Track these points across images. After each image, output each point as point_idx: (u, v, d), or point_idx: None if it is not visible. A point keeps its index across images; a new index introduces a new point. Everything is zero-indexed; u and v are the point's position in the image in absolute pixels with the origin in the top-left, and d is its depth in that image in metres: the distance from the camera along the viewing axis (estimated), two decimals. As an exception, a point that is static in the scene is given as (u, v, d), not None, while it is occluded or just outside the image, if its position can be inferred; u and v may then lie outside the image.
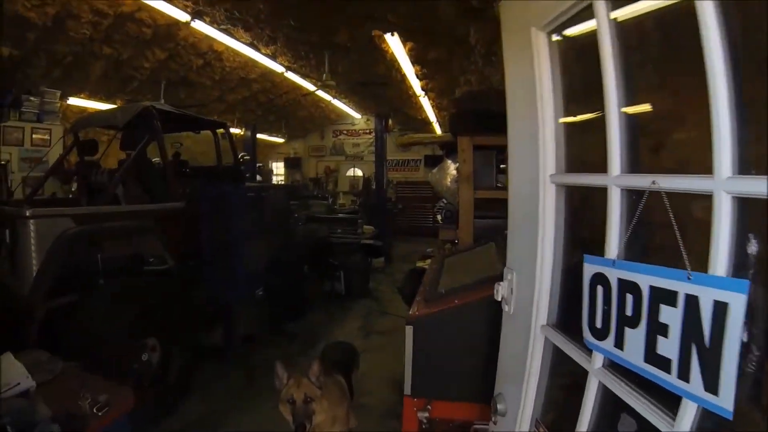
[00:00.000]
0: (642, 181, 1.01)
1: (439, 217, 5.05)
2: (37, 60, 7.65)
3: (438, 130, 15.68)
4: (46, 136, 8.37)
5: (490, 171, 4.20)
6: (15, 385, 2.34)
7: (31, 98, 8.08)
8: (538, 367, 1.49)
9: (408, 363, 2.32)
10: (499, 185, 4.26)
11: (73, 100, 9.19)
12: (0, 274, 3.84)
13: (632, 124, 1.15)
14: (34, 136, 8.23)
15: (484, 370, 1.97)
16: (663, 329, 0.92)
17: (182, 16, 7.32)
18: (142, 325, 4.05)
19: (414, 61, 7.11)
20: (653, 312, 0.95)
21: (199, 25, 7.58)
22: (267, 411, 3.94)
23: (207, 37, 8.34)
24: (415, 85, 8.98)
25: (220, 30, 7.83)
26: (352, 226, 9.32)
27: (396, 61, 7.72)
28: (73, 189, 7.73)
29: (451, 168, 5.00)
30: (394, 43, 6.47)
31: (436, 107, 10.98)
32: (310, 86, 11.27)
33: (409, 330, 2.28)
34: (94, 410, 2.35)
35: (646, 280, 0.97)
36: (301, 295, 7.02)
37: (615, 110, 1.12)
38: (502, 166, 4.25)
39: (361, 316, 7.45)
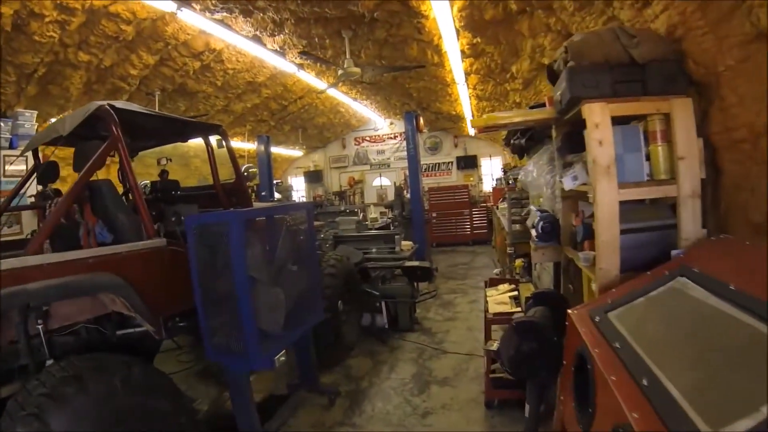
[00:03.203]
0: None
1: (533, 232, 3.45)
2: (5, 76, 6.32)
3: (471, 129, 14.17)
4: (22, 166, 6.98)
5: (637, 157, 2.62)
6: None
7: (1, 122, 6.72)
8: None
9: None
10: (649, 177, 2.68)
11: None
12: None
13: None
14: (7, 166, 6.85)
15: None
16: None
17: (167, 6, 5.92)
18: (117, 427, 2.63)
19: (464, 26, 5.54)
20: None
21: (187, 16, 6.16)
22: None
23: (201, 33, 6.96)
24: (456, 67, 7.40)
25: (215, 21, 6.40)
26: (389, 244, 7.80)
27: (436, 33, 6.15)
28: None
29: (544, 159, 3.44)
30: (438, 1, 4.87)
31: (476, 97, 9.39)
32: (327, 86, 9.84)
33: None
34: None
35: None
36: (336, 337, 5.55)
37: None
38: (649, 147, 2.67)
39: (413, 357, 5.92)
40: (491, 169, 16.45)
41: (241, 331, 3.21)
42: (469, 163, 16.65)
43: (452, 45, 6.29)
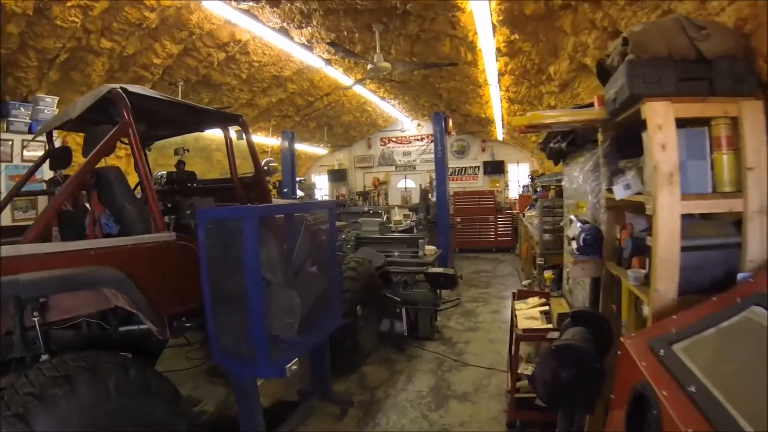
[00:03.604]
0: None
1: (574, 245, 3.14)
2: (26, 60, 6.22)
3: (499, 134, 13.81)
4: (41, 151, 6.87)
5: (702, 165, 2.31)
6: None
7: (20, 107, 6.61)
8: None
9: None
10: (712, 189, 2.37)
11: (77, 108, 7.72)
12: None
13: None
14: (24, 151, 6.72)
15: None
16: None
17: (190, -7, 5.77)
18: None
19: (502, 21, 5.23)
20: None
21: (213, 5, 5.99)
22: None
23: (227, 23, 6.79)
24: (490, 66, 7.10)
25: (240, 10, 6.20)
26: (413, 248, 7.53)
27: (471, 29, 5.85)
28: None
29: (590, 165, 3.13)
30: (476, -7, 4.58)
31: (508, 99, 9.05)
32: (354, 82, 9.60)
33: None
34: None
35: None
36: (353, 343, 5.31)
37: None
38: (712, 154, 2.36)
39: (431, 368, 5.64)
40: (518, 176, 16.08)
41: (251, 335, 2.97)
42: (496, 168, 16.29)
43: (488, 42, 5.97)
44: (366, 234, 7.96)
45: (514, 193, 16.01)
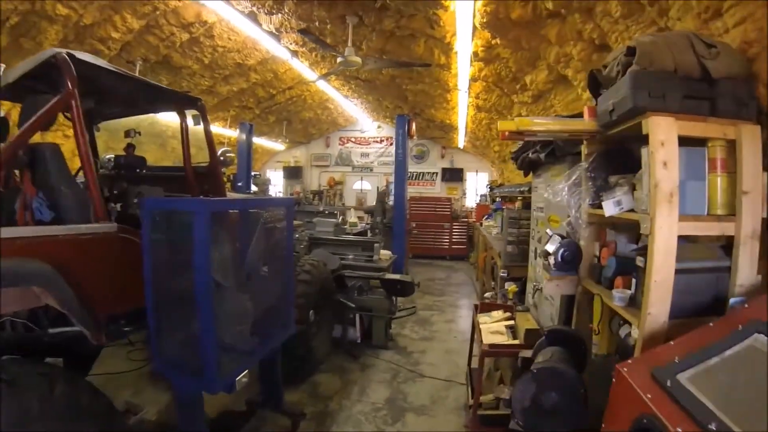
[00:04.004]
0: None
1: (551, 260, 2.99)
2: (-28, 22, 5.65)
3: (460, 141, 13.76)
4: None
5: (700, 185, 2.21)
6: None
7: (-40, 74, 5.99)
8: None
9: None
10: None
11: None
12: None
13: None
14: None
15: None
16: None
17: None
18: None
19: (485, 23, 5.03)
20: None
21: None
22: None
23: (193, 1, 6.39)
24: (463, 71, 6.92)
25: (208, -11, 5.84)
26: (367, 252, 7.30)
27: (450, 29, 5.66)
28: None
29: (573, 177, 2.99)
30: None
31: (476, 107, 8.93)
32: (319, 76, 9.30)
33: None
34: None
35: None
36: (306, 350, 5.01)
37: None
38: (709, 176, 2.25)
39: (387, 379, 5.43)
40: (476, 184, 16.09)
41: (199, 345, 2.66)
42: (454, 175, 16.29)
43: (465, 45, 5.77)
44: (320, 235, 7.67)
45: (471, 201, 16.01)
